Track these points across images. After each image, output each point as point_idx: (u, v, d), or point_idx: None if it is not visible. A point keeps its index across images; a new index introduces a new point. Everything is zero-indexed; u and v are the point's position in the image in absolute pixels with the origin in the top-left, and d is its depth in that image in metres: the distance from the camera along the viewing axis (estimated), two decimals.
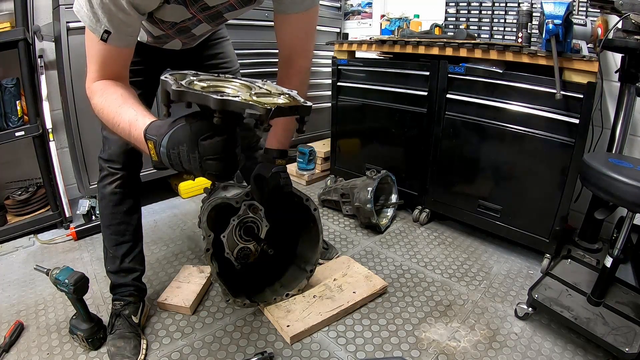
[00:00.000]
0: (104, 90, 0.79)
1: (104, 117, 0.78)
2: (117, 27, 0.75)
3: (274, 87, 0.75)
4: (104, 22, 0.74)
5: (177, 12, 0.91)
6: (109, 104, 0.77)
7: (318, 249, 1.32)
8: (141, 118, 0.72)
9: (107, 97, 0.78)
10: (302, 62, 1.09)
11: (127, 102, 0.76)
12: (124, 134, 0.74)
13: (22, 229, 1.77)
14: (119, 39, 0.77)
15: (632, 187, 0.97)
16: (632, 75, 1.41)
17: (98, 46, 0.77)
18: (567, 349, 1.19)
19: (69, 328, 1.15)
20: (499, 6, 1.97)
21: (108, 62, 0.80)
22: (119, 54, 0.80)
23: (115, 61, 0.81)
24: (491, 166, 1.65)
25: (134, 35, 0.82)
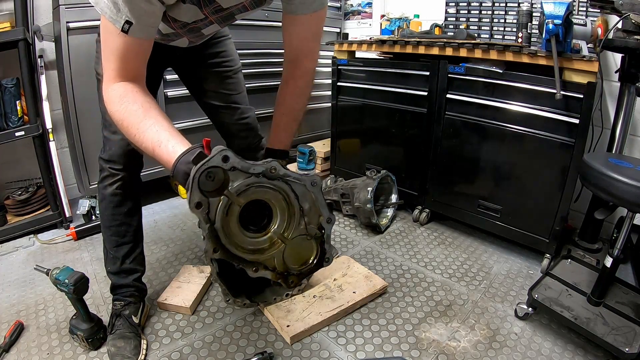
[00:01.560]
0: (123, 99, 0.76)
1: (124, 130, 0.76)
2: (139, 17, 0.73)
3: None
4: (124, 12, 0.71)
5: (190, 12, 0.91)
6: (129, 115, 0.74)
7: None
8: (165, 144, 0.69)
9: (126, 107, 0.75)
10: (308, 64, 1.08)
11: (148, 116, 0.73)
12: (147, 152, 0.73)
13: (22, 229, 1.77)
14: (141, 29, 0.75)
15: (632, 187, 0.97)
16: (632, 75, 1.41)
17: (118, 39, 0.74)
18: (567, 349, 1.19)
19: (69, 328, 1.15)
20: (499, 6, 1.97)
21: (129, 57, 0.77)
22: (140, 47, 0.78)
23: (137, 55, 0.78)
24: (491, 166, 1.65)
25: (155, 26, 0.80)
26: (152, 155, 0.72)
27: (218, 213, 0.61)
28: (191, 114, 2.04)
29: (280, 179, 0.63)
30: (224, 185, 0.60)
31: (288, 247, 0.70)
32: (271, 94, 2.40)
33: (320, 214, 0.70)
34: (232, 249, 0.66)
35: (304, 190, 0.66)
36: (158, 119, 0.74)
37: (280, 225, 0.68)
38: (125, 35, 0.74)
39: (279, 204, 0.66)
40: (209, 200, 0.60)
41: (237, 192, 0.61)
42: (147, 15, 0.75)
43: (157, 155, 0.71)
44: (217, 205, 0.60)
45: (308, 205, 0.68)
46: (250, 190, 0.62)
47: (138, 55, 0.79)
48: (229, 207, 0.62)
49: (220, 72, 1.28)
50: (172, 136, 0.71)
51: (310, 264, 0.72)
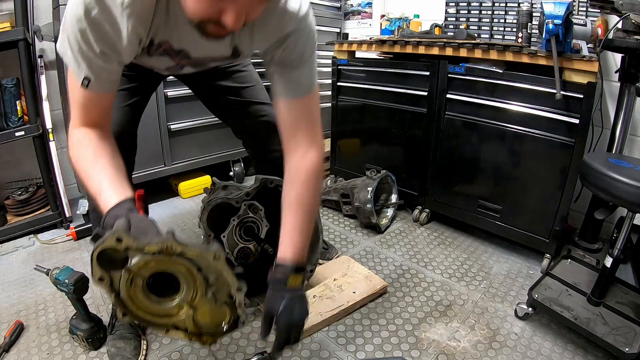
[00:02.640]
0: (79, 145, 0.78)
1: (78, 175, 0.78)
2: (97, 73, 0.73)
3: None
4: (83, 68, 0.72)
5: (161, 62, 0.89)
6: (81, 161, 0.76)
7: (318, 249, 1.32)
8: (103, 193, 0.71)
9: (81, 153, 0.77)
10: (313, 153, 0.92)
11: (96, 163, 0.75)
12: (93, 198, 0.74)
13: (22, 229, 1.77)
14: (99, 86, 0.75)
15: (632, 187, 0.97)
16: (632, 75, 1.42)
17: (79, 91, 0.75)
18: (567, 349, 1.19)
19: (69, 328, 1.15)
20: (499, 6, 1.97)
21: (90, 108, 0.78)
22: (99, 100, 0.78)
23: (96, 107, 0.79)
24: (491, 166, 1.65)
25: (114, 81, 0.79)
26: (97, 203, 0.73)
27: (122, 285, 0.62)
28: (191, 114, 2.04)
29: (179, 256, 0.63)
30: (124, 261, 0.61)
31: (198, 312, 0.69)
32: None
33: (227, 284, 0.69)
34: (140, 314, 0.66)
35: (207, 263, 0.65)
36: (105, 167, 0.75)
37: (187, 293, 0.67)
38: (85, 89, 0.75)
39: (183, 275, 0.66)
40: (110, 274, 0.62)
41: (138, 267, 0.62)
42: (105, 73, 0.75)
43: (98, 204, 0.72)
44: (119, 278, 0.62)
45: (214, 276, 0.68)
46: (150, 264, 0.63)
47: (98, 106, 0.79)
48: (132, 278, 0.63)
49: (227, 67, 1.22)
50: (111, 186, 0.73)
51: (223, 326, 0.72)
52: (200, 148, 2.16)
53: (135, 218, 0.67)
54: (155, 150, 1.97)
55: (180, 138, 2.06)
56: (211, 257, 0.65)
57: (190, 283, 0.67)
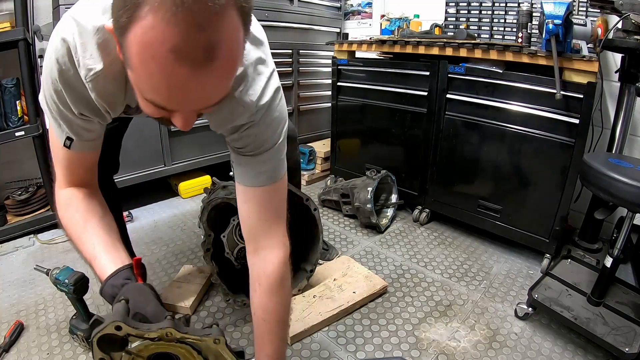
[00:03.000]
0: (68, 207, 0.76)
1: (68, 235, 0.76)
2: (79, 133, 0.71)
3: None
4: (64, 128, 0.70)
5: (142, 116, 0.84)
6: (72, 224, 0.74)
7: (318, 249, 1.32)
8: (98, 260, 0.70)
9: (70, 216, 0.75)
10: (277, 252, 0.83)
11: (88, 227, 0.74)
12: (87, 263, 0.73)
13: (22, 229, 1.77)
14: (82, 145, 0.73)
15: (632, 187, 0.97)
16: (632, 75, 1.42)
17: (62, 151, 0.73)
18: (567, 349, 1.19)
19: (69, 328, 1.15)
20: (499, 6, 1.97)
21: (74, 168, 0.76)
22: (84, 159, 0.76)
23: (81, 166, 0.77)
24: (491, 166, 1.65)
25: (97, 139, 0.77)
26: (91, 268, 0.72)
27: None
28: None
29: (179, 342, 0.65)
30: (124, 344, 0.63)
31: None
32: None
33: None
34: None
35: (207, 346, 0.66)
36: (96, 230, 0.73)
37: None
38: (68, 150, 0.72)
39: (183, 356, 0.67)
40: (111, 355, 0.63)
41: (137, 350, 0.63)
42: (87, 132, 0.72)
43: (94, 271, 0.71)
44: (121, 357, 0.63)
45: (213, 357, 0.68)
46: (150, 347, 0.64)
47: (83, 166, 0.77)
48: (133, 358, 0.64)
49: None
50: (106, 252, 0.71)
51: None
52: (200, 148, 2.16)
53: (134, 290, 0.66)
54: (155, 150, 1.97)
55: (180, 138, 2.06)
56: (211, 342, 0.67)
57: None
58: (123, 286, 0.67)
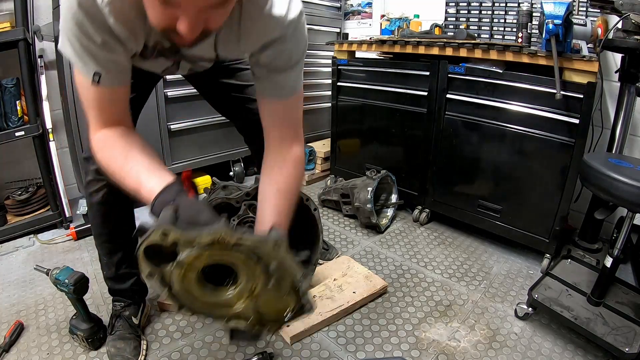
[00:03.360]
0: (104, 147, 0.75)
1: (112, 177, 0.75)
2: (106, 66, 0.69)
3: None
4: (90, 64, 0.68)
5: (158, 64, 0.87)
6: (112, 162, 0.74)
7: (318, 249, 1.32)
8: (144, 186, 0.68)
9: (109, 155, 0.74)
10: (297, 149, 0.92)
11: (128, 160, 0.72)
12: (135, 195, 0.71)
13: (22, 229, 1.77)
14: (111, 78, 0.71)
15: (632, 187, 0.97)
16: (632, 75, 1.42)
17: (91, 90, 0.71)
18: (567, 349, 1.19)
19: (69, 328, 1.15)
20: (499, 6, 1.97)
21: (105, 106, 0.74)
22: (115, 94, 0.74)
23: (112, 103, 0.75)
24: (491, 166, 1.65)
25: (126, 71, 0.76)
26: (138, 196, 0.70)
27: (174, 279, 0.58)
28: (191, 114, 2.03)
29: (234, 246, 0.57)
30: (173, 254, 0.56)
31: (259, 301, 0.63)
32: None
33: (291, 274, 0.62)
34: (197, 307, 0.62)
35: (267, 252, 0.59)
36: (138, 159, 0.72)
37: (247, 284, 0.61)
38: (98, 86, 0.71)
39: (241, 265, 0.60)
40: (160, 268, 0.57)
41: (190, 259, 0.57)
42: (114, 64, 0.71)
43: (142, 199, 0.69)
44: (171, 271, 0.57)
45: (275, 265, 0.60)
46: (203, 255, 0.57)
47: (114, 102, 0.76)
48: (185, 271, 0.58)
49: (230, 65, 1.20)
50: (150, 175, 0.69)
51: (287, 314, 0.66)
52: (200, 148, 2.16)
53: (185, 202, 0.62)
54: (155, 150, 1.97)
55: (180, 138, 2.06)
56: (270, 247, 0.59)
57: (249, 273, 0.61)
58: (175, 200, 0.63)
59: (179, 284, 0.58)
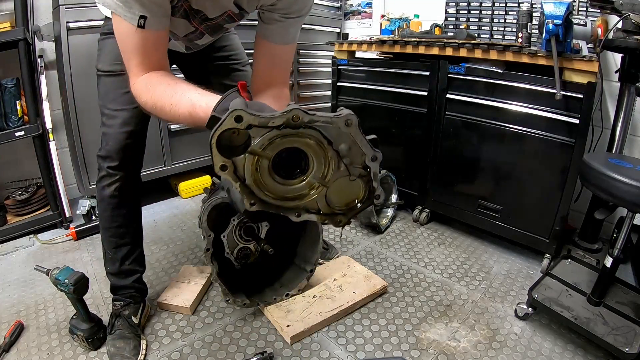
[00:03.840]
0: (149, 87, 0.79)
1: (160, 114, 0.78)
2: (151, 10, 0.74)
3: None
4: (136, 8, 0.73)
5: (181, 26, 0.92)
6: (159, 98, 0.77)
7: (318, 248, 1.32)
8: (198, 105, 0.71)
9: (155, 92, 0.77)
10: (285, 90, 1.01)
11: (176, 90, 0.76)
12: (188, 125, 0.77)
13: (22, 229, 1.77)
14: (156, 22, 0.76)
15: (632, 187, 0.97)
16: (632, 75, 1.41)
17: (136, 36, 0.76)
18: (567, 349, 1.19)
19: (69, 328, 1.15)
20: (499, 6, 1.97)
21: (149, 51, 0.79)
22: (158, 39, 0.80)
23: (156, 47, 0.80)
24: (491, 166, 1.65)
25: (167, 15, 0.81)
26: (194, 125, 0.74)
27: (246, 170, 0.58)
28: None
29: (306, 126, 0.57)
30: (246, 143, 0.57)
31: (331, 189, 0.64)
32: None
33: (362, 153, 0.63)
34: (269, 200, 0.62)
35: (338, 132, 0.59)
36: (185, 89, 0.76)
37: (319, 170, 0.62)
38: (142, 30, 0.75)
39: (312, 149, 0.60)
40: (233, 160, 0.57)
41: (262, 147, 0.57)
42: (157, 6, 0.76)
43: (197, 121, 0.71)
44: (244, 162, 0.57)
45: (347, 146, 0.61)
46: (275, 142, 0.57)
47: (157, 47, 0.81)
48: (257, 162, 0.59)
49: (228, 65, 1.25)
50: (203, 96, 0.73)
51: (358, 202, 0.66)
52: (200, 148, 2.16)
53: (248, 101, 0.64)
54: (155, 150, 1.97)
55: (180, 138, 2.06)
56: (342, 124, 0.59)
57: (320, 157, 0.61)
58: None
59: (252, 175, 0.58)
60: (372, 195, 0.67)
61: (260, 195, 0.61)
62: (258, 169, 0.59)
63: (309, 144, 0.60)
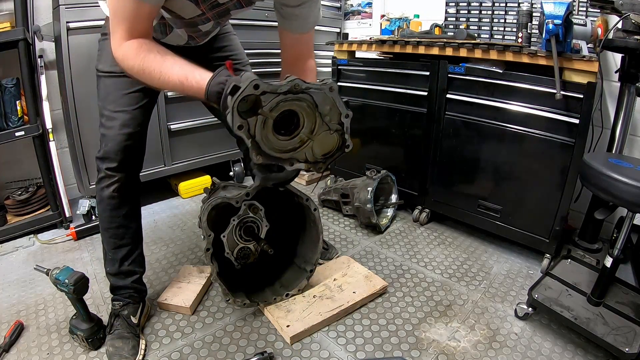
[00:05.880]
0: (139, 51, 0.83)
1: (146, 78, 0.83)
2: None
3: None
4: None
5: (188, 9, 0.94)
6: (149, 63, 0.82)
7: (318, 249, 1.32)
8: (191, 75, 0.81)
9: (145, 57, 0.82)
10: (311, 62, 1.16)
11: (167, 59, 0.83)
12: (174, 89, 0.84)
13: (22, 229, 1.77)
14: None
15: (632, 187, 0.97)
16: (632, 75, 1.41)
17: (130, 5, 0.80)
18: (567, 349, 1.19)
19: (69, 328, 1.15)
20: (499, 6, 1.97)
21: (139, 21, 0.83)
22: (152, 12, 0.84)
23: (146, 19, 0.84)
24: (491, 166, 1.65)
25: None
26: (181, 90, 0.83)
27: (257, 129, 0.75)
28: (191, 114, 2.04)
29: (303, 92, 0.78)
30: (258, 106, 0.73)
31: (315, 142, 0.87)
32: None
33: (339, 112, 0.88)
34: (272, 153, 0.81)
35: (323, 97, 0.82)
36: (177, 60, 0.83)
37: (307, 127, 0.84)
38: (141, 3, 0.81)
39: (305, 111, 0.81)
40: (247, 120, 0.74)
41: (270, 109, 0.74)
42: None
43: (187, 87, 0.81)
44: (255, 123, 0.74)
45: (328, 107, 0.84)
46: (279, 105, 0.76)
47: (148, 19, 0.85)
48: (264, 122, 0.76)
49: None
50: (195, 69, 0.82)
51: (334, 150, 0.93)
52: (200, 148, 2.16)
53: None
54: (155, 150, 1.97)
55: (180, 138, 2.06)
56: (327, 90, 0.82)
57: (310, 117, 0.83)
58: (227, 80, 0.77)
59: (260, 132, 0.76)
60: (344, 145, 0.95)
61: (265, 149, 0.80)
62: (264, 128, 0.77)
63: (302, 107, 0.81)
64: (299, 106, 0.80)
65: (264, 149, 0.79)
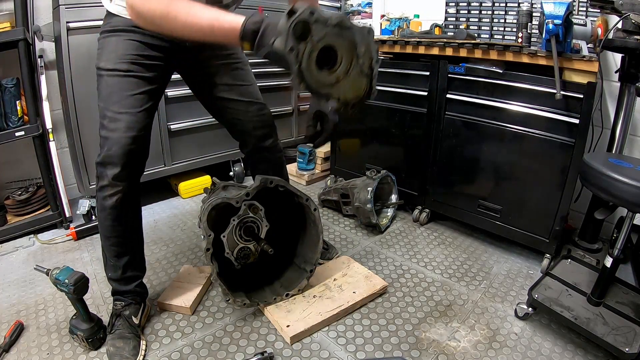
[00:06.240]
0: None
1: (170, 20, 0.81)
2: None
3: None
4: None
5: None
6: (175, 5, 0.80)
7: (318, 249, 1.32)
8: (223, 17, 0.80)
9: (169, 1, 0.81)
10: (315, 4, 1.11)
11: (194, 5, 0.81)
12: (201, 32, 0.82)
13: (22, 229, 1.77)
14: None
15: (632, 187, 0.97)
16: (632, 75, 1.41)
17: None
18: (567, 349, 1.19)
19: (69, 328, 1.15)
20: (499, 6, 1.97)
21: None
22: None
23: None
24: (491, 166, 1.65)
25: None
26: (210, 33, 0.81)
27: (304, 56, 0.77)
28: (191, 114, 2.04)
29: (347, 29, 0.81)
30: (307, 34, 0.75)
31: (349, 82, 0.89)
32: (276, 93, 2.41)
33: (371, 57, 0.90)
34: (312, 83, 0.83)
35: (361, 37, 0.84)
36: (202, 5, 0.81)
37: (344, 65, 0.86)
38: None
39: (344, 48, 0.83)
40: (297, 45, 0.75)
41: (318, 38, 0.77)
42: None
43: (217, 29, 0.80)
44: (303, 50, 0.76)
45: (364, 49, 0.87)
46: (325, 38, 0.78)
47: None
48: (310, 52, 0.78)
49: (229, 64, 1.24)
50: (226, 13, 0.81)
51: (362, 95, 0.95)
52: (200, 148, 2.16)
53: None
54: (155, 150, 1.97)
55: (180, 138, 2.06)
56: (366, 31, 0.85)
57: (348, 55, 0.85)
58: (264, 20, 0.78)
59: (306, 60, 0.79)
60: (371, 91, 0.97)
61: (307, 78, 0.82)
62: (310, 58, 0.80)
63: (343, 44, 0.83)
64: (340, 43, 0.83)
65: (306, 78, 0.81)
